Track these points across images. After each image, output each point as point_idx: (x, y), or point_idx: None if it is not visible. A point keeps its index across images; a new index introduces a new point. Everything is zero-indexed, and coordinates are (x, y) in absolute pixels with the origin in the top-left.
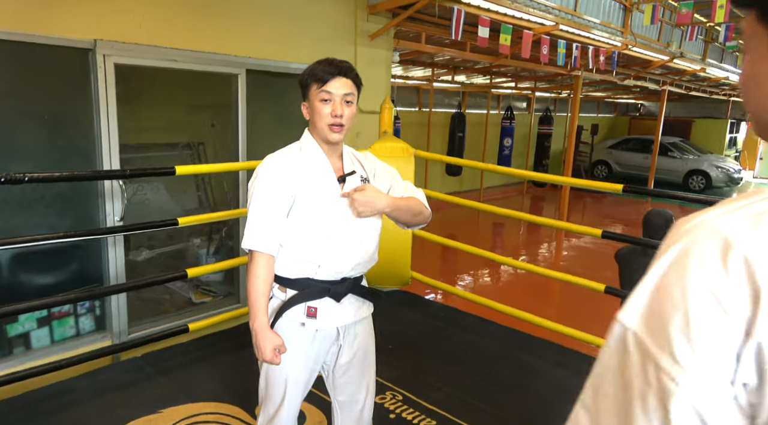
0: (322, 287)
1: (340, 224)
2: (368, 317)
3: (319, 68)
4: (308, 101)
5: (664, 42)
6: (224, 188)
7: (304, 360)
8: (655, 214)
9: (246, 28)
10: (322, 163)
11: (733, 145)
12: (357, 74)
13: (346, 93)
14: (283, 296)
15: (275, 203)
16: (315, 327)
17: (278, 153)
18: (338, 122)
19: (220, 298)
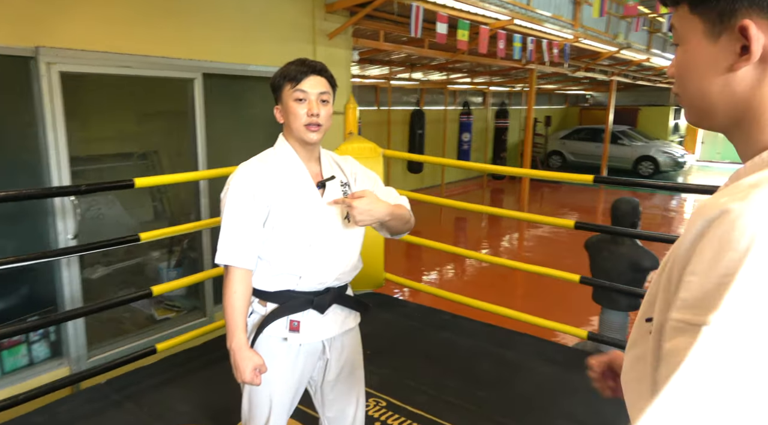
0: (304, 298)
1: (322, 231)
2: (355, 328)
3: (292, 68)
4: (281, 103)
5: (612, 34)
6: (182, 198)
7: (289, 378)
8: (624, 202)
9: (201, 31)
10: (299, 168)
11: (677, 130)
12: (331, 74)
13: (322, 91)
14: (264, 311)
15: (250, 214)
16: (298, 341)
17: (251, 161)
18: (315, 121)
19: (184, 313)
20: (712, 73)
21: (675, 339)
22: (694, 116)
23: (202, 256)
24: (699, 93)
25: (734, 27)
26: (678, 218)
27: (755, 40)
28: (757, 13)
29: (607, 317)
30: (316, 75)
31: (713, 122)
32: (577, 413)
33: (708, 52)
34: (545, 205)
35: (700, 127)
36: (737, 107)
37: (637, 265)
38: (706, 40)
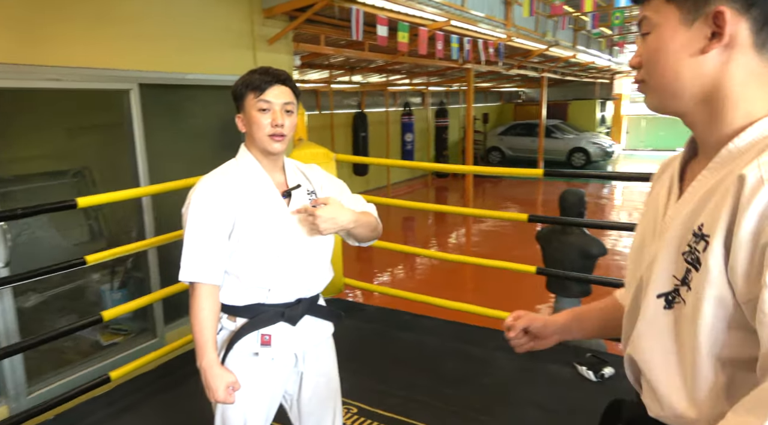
0: (275, 311)
1: (290, 242)
2: (329, 339)
3: (255, 77)
4: (244, 113)
5: (541, 32)
6: (119, 216)
7: (263, 394)
8: (570, 193)
9: (136, 40)
10: (263, 179)
11: (603, 122)
12: (295, 84)
13: (286, 102)
14: (233, 326)
15: (214, 228)
16: (271, 355)
17: (213, 174)
18: (279, 132)
19: (132, 336)
20: (685, 56)
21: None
22: (660, 99)
23: (149, 275)
24: (672, 74)
25: (708, 14)
26: (609, 205)
27: (729, 24)
28: (728, 2)
29: (561, 305)
30: (280, 85)
31: (679, 103)
32: (543, 400)
33: (682, 37)
34: (488, 200)
35: (663, 111)
36: (704, 86)
37: (587, 253)
38: (681, 26)
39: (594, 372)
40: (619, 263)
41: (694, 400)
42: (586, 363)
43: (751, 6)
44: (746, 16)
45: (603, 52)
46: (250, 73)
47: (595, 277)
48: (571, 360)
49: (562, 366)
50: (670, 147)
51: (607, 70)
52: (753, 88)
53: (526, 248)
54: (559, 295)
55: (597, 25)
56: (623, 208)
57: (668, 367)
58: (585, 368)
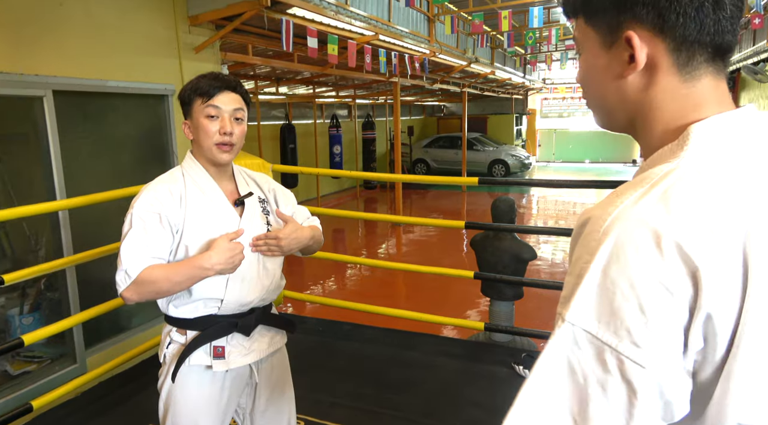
0: (228, 322)
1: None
2: (282, 348)
3: (204, 82)
4: (191, 119)
5: (462, 49)
6: (26, 232)
7: (215, 408)
8: (502, 201)
9: (48, 44)
10: (211, 188)
11: (519, 136)
12: (246, 90)
13: (236, 108)
14: (183, 340)
15: (154, 233)
16: (224, 367)
17: (156, 182)
18: (227, 141)
19: (48, 363)
20: (608, 79)
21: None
22: (600, 118)
23: (67, 296)
24: (600, 97)
25: (621, 38)
26: (528, 214)
27: (638, 50)
28: (639, 26)
29: (496, 308)
30: (230, 91)
31: (616, 124)
32: (484, 400)
33: (603, 60)
34: (416, 210)
35: (612, 129)
36: (629, 109)
37: (518, 257)
38: (600, 49)
39: (529, 371)
40: (541, 268)
41: None
42: (522, 362)
43: (663, 28)
44: (661, 37)
45: (517, 69)
46: (198, 78)
47: (529, 279)
48: (508, 360)
49: (500, 367)
50: (579, 159)
51: (521, 87)
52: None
53: (455, 255)
54: (493, 299)
55: (512, 44)
56: (540, 215)
57: None
58: (521, 367)
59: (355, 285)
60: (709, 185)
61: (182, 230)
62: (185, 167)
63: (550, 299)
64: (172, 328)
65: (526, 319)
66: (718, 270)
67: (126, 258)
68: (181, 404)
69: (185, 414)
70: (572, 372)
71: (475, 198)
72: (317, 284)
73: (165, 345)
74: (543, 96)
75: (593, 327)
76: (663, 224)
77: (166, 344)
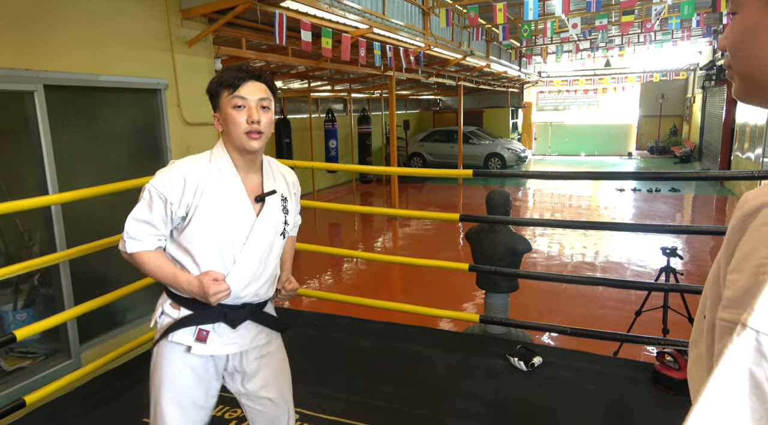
0: (218, 311)
1: (248, 248)
2: (272, 342)
3: (229, 74)
4: (220, 111)
5: (457, 42)
6: (19, 228)
7: (195, 387)
8: (497, 194)
9: (40, 37)
10: (233, 180)
11: (515, 129)
12: (271, 80)
13: (262, 97)
14: (176, 314)
15: (157, 212)
16: (202, 352)
17: (181, 162)
18: (256, 129)
19: (42, 359)
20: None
21: (723, 340)
22: (745, 89)
23: (61, 292)
24: (756, 62)
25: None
26: (523, 206)
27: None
28: None
29: (491, 301)
30: (254, 80)
31: (764, 95)
32: (479, 391)
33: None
34: (412, 204)
35: (750, 102)
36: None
37: (513, 249)
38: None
39: (525, 363)
40: (536, 260)
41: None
42: (517, 354)
43: None
44: None
45: (513, 62)
46: (223, 71)
47: (524, 272)
48: (503, 352)
49: (495, 359)
50: (575, 152)
51: (517, 80)
52: None
53: (451, 248)
54: (488, 291)
55: (508, 37)
56: (535, 208)
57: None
58: (516, 359)
59: (352, 279)
60: None
61: (192, 216)
62: (214, 153)
63: (545, 291)
64: (168, 300)
65: (522, 311)
66: None
67: (129, 229)
68: (159, 374)
69: (164, 384)
70: (757, 387)
71: (471, 191)
72: (314, 278)
73: (158, 314)
74: (539, 89)
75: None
76: None
77: (159, 313)
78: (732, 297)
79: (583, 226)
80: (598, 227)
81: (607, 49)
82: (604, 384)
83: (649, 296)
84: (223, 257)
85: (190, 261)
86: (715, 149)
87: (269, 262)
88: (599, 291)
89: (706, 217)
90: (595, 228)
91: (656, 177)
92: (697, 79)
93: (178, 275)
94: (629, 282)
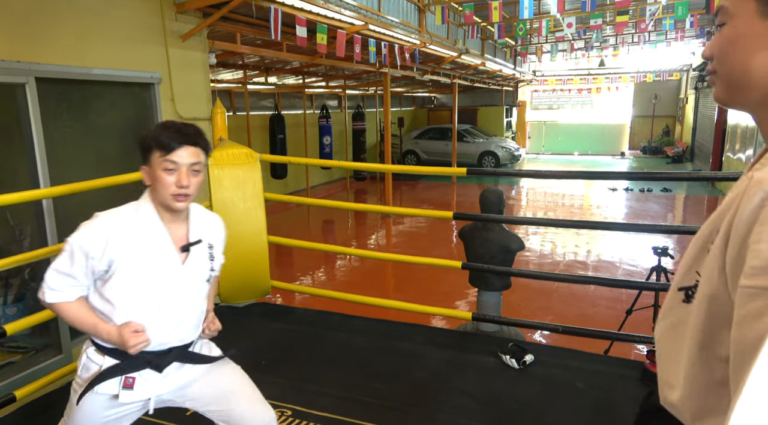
0: (143, 359)
1: (173, 297)
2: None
3: (165, 135)
4: (150, 167)
5: (452, 40)
6: (9, 222)
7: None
8: (490, 192)
9: (32, 29)
10: (159, 232)
11: (510, 128)
12: (206, 140)
13: (194, 162)
14: (101, 362)
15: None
16: (130, 399)
17: (109, 213)
18: (184, 193)
19: (33, 354)
20: (758, 48)
21: (750, 304)
22: (728, 92)
23: None
24: (741, 67)
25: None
26: (517, 205)
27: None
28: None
29: (484, 298)
30: (189, 146)
31: (747, 98)
32: (471, 389)
33: (758, 29)
34: (406, 201)
35: (731, 105)
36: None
37: (506, 248)
38: (757, 17)
39: (516, 360)
40: (529, 259)
41: (687, 393)
42: (509, 352)
43: None
44: None
45: (508, 61)
46: (160, 128)
47: (517, 270)
48: (495, 350)
49: (487, 356)
50: (568, 151)
51: (511, 79)
52: None
53: (444, 246)
54: (481, 289)
55: (503, 35)
56: (528, 207)
57: (673, 360)
58: (508, 356)
59: (345, 276)
60: None
61: (115, 270)
62: (140, 205)
63: (537, 289)
64: (92, 346)
65: (514, 309)
66: None
67: (50, 280)
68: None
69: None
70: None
71: (464, 190)
72: (306, 275)
73: (81, 363)
74: (533, 88)
75: None
76: None
77: (82, 362)
78: (759, 265)
79: (576, 225)
80: (590, 227)
81: (602, 48)
82: (595, 381)
83: (640, 295)
84: (146, 306)
85: (111, 309)
86: (707, 149)
87: (195, 307)
88: (591, 290)
89: (697, 217)
90: (588, 227)
91: (648, 177)
92: (690, 80)
93: (98, 325)
94: (621, 281)
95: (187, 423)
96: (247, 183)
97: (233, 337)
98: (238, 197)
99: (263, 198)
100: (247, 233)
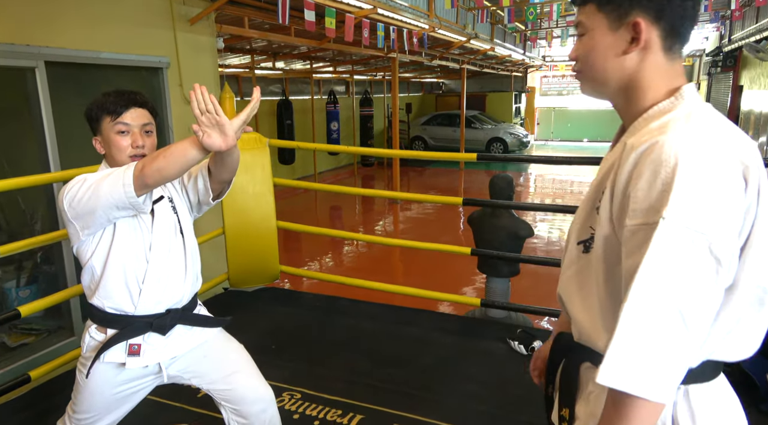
0: (143, 322)
1: (152, 256)
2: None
3: (110, 100)
4: (101, 135)
5: (461, 25)
6: (21, 206)
7: (122, 402)
8: (499, 178)
9: (42, 13)
10: None
11: (518, 114)
12: (153, 105)
13: (145, 123)
14: (102, 338)
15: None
16: (138, 365)
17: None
18: (141, 153)
19: (45, 336)
20: (611, 55)
21: (632, 239)
22: (591, 87)
23: (63, 269)
24: (600, 69)
25: (629, 23)
26: (525, 191)
27: (644, 32)
28: (644, 15)
29: (492, 285)
30: (137, 107)
31: (605, 91)
32: (479, 374)
33: (609, 40)
34: (414, 188)
35: (594, 96)
36: (624, 79)
37: (515, 234)
38: (609, 31)
39: (525, 346)
40: (537, 245)
41: (601, 327)
42: (517, 338)
43: (661, 18)
44: (657, 25)
45: (517, 46)
46: (104, 96)
47: (526, 256)
48: (503, 336)
49: (496, 342)
50: (578, 138)
51: (521, 64)
52: (659, 80)
53: (452, 232)
54: (489, 276)
55: (513, 19)
56: (537, 193)
57: (582, 300)
58: (516, 342)
59: (353, 261)
60: (718, 115)
61: (101, 236)
62: None
63: (545, 276)
64: (93, 325)
65: (522, 296)
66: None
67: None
68: (83, 387)
69: (86, 396)
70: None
71: (472, 176)
72: (314, 260)
73: (84, 342)
74: (542, 74)
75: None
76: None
77: (86, 341)
78: (638, 208)
79: None
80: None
81: None
82: None
83: None
84: (129, 269)
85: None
86: None
87: (177, 268)
88: None
89: None
90: None
91: None
92: (703, 66)
93: (184, 142)
94: None
95: (198, 405)
96: (256, 168)
97: (243, 321)
98: (247, 182)
99: (272, 183)
100: (256, 218)
